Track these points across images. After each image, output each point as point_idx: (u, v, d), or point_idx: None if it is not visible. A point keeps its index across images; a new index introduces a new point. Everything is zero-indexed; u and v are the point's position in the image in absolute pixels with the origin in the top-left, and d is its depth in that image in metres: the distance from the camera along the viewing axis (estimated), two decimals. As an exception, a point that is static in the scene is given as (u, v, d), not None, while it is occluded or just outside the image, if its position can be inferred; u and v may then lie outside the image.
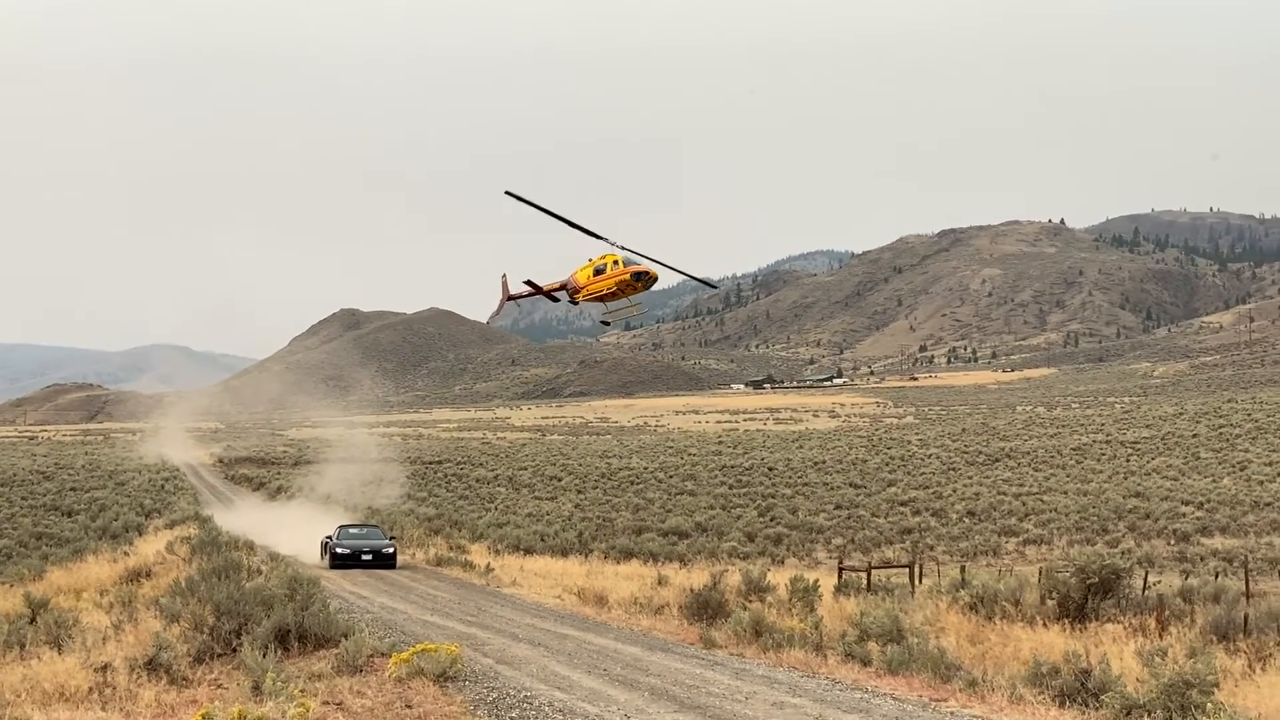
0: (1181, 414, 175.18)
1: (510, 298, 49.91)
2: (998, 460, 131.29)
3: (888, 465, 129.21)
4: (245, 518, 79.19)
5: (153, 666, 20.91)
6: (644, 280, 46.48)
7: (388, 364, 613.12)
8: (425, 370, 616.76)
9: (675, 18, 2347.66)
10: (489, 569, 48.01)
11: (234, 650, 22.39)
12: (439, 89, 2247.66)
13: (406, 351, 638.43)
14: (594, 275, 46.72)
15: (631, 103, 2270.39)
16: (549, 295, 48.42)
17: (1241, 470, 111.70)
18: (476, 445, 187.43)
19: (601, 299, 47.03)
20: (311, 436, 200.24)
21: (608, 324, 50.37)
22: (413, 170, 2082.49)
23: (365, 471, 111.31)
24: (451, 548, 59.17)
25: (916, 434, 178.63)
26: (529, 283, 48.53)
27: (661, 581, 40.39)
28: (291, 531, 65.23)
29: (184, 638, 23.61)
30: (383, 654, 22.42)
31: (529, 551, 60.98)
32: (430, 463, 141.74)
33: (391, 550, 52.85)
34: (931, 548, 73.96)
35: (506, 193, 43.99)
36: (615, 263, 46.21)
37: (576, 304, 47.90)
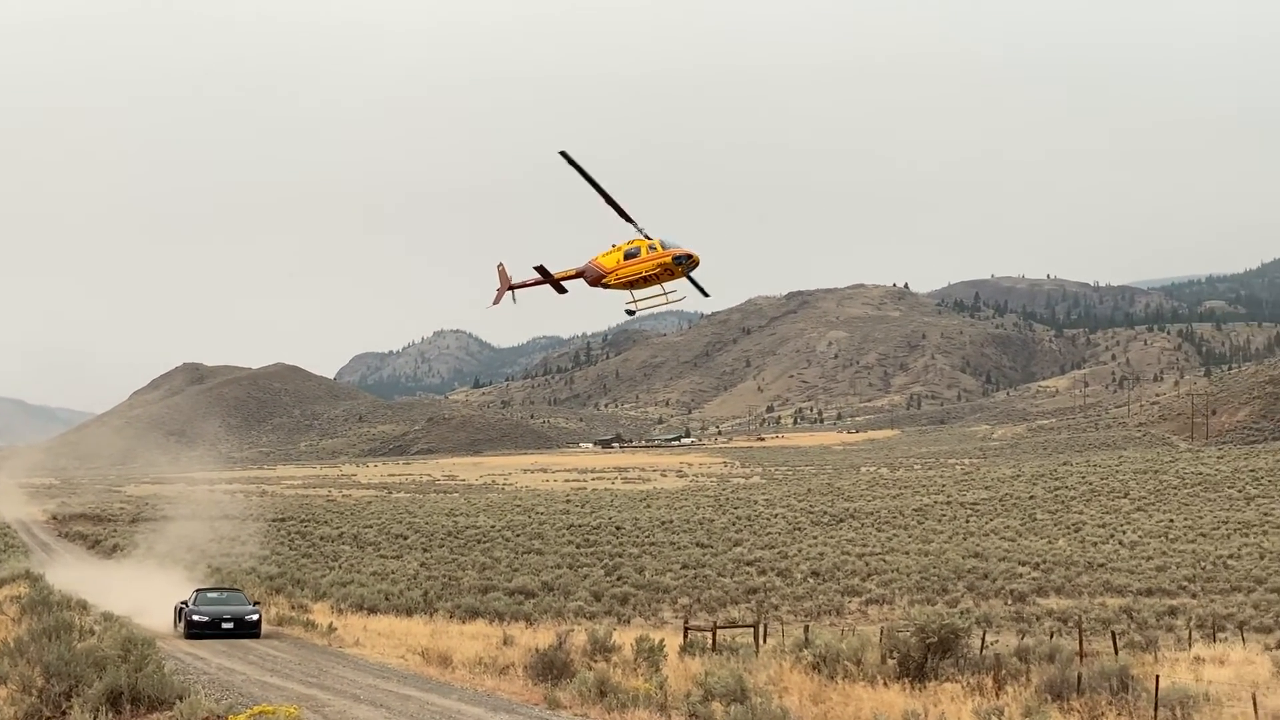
0: (1019, 476, 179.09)
1: (512, 287, 47.23)
2: (842, 520, 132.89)
3: (734, 525, 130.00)
4: (78, 576, 76.93)
5: (-23, 731, 20.22)
6: (685, 265, 44.27)
7: (232, 419, 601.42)
8: (270, 426, 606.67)
9: (489, 82, 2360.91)
10: (331, 629, 47.27)
11: (64, 713, 21.79)
12: (279, 138, 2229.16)
13: (251, 407, 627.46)
14: (625, 259, 44.61)
15: (465, 156, 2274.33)
16: (557, 285, 46.15)
17: (1076, 531, 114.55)
18: (321, 502, 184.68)
19: (632, 285, 44.77)
20: (151, 493, 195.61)
21: (632, 313, 46.69)
22: (262, 220, 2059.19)
23: (206, 529, 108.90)
24: (293, 607, 58.08)
25: (763, 494, 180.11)
26: (540, 269, 46.02)
27: (507, 641, 40.14)
28: (126, 591, 63.51)
29: (11, 700, 22.88)
30: (219, 716, 21.96)
31: (373, 611, 60.14)
32: (274, 520, 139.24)
33: (256, 617, 48.56)
34: (776, 607, 74.43)
35: (561, 153, 42.22)
36: (651, 246, 44.19)
37: (609, 288, 45.10)
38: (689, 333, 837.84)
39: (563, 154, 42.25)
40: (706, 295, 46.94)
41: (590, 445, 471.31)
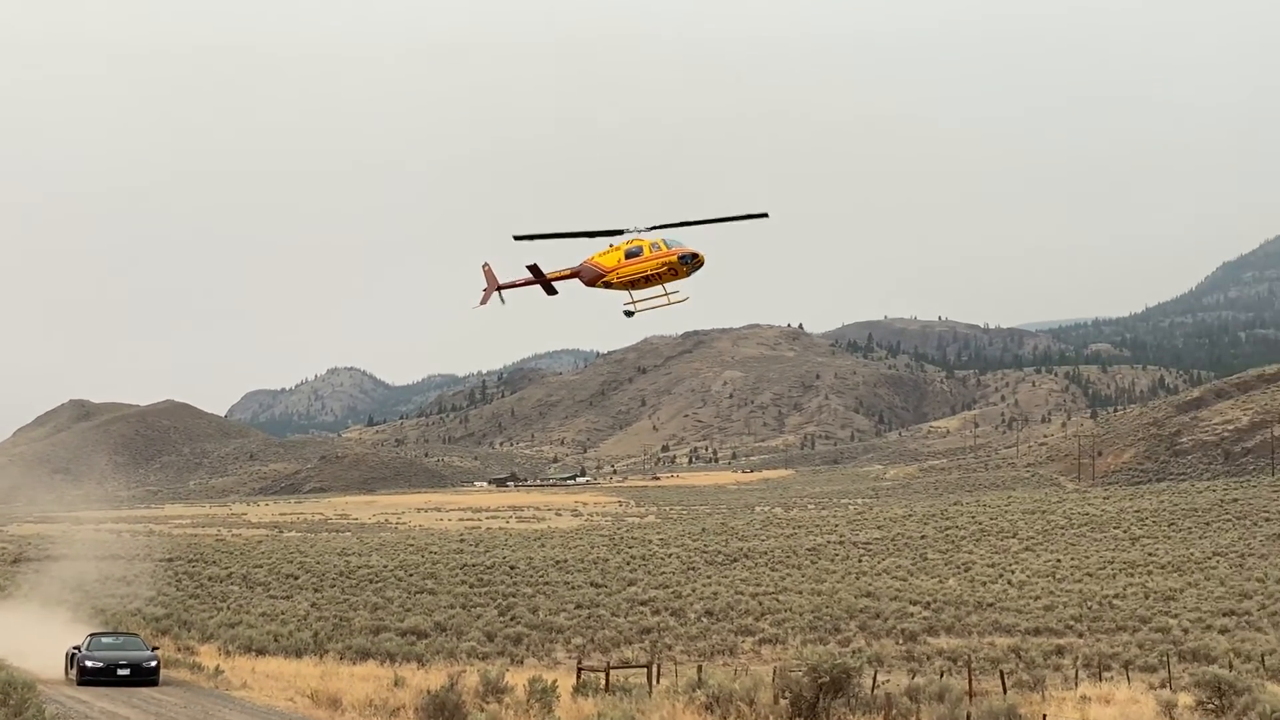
0: (911, 516, 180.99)
1: (500, 288, 46.04)
2: (736, 560, 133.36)
3: (629, 564, 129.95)
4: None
5: None
6: (690, 264, 43.45)
7: (120, 457, 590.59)
8: (159, 464, 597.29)
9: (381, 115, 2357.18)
10: (219, 671, 46.52)
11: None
12: (169, 170, 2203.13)
13: (140, 445, 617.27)
14: (626, 258, 43.73)
15: (356, 191, 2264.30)
16: (548, 286, 45.12)
17: (966, 571, 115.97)
18: (210, 542, 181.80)
19: (633, 285, 43.85)
20: (35, 532, 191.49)
21: (631, 314, 45.37)
22: (152, 254, 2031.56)
23: (92, 569, 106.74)
24: (180, 649, 57.12)
25: (658, 533, 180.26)
26: (532, 268, 44.87)
27: (398, 682, 39.77)
28: (7, 634, 61.99)
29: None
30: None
31: (262, 652, 59.29)
32: (161, 560, 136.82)
33: (155, 664, 45.80)
34: (670, 647, 74.46)
35: (515, 237, 42.33)
36: (654, 245, 43.42)
37: (611, 287, 44.13)
38: (585, 372, 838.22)
39: (517, 237, 42.61)
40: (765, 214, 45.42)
41: (485, 484, 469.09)
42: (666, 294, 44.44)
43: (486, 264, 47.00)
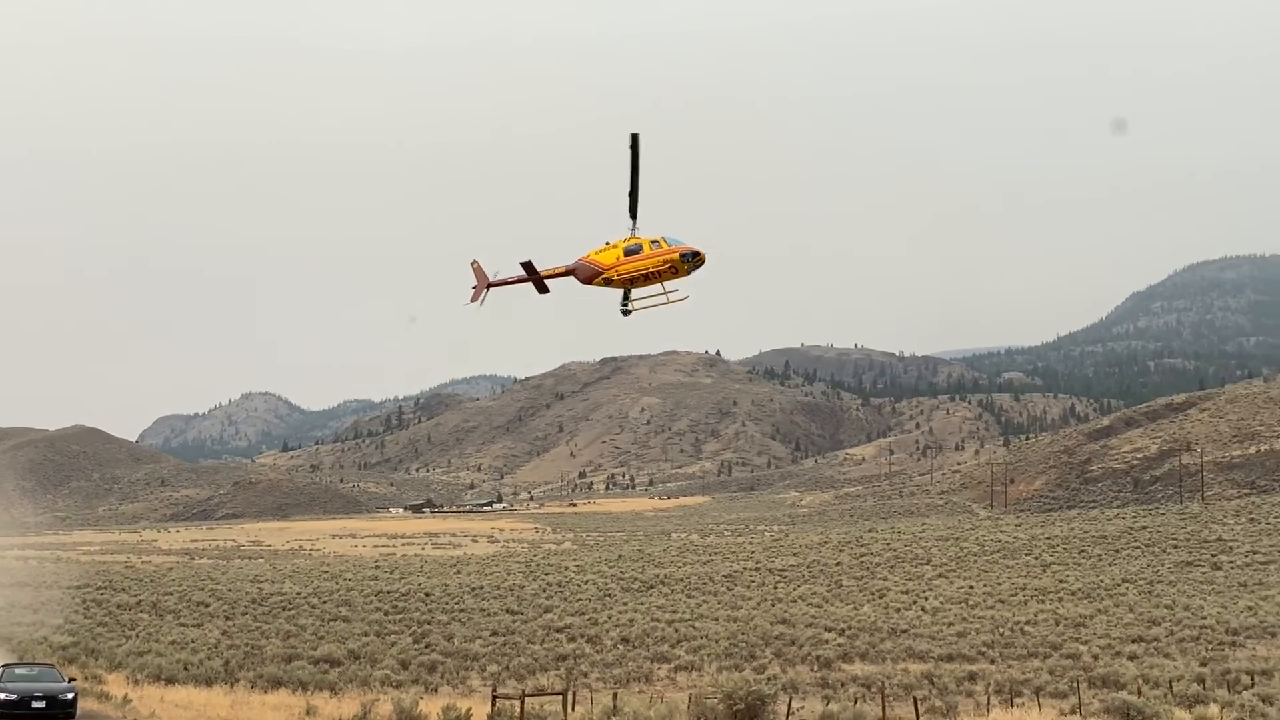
0: (826, 543, 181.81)
1: (490, 285, 45.33)
2: (652, 587, 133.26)
3: (545, 591, 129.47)
4: None
5: None
6: (691, 263, 42.91)
7: (26, 483, 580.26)
8: (68, 490, 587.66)
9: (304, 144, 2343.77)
10: (126, 700, 45.84)
11: None
12: (80, 189, 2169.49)
13: (48, 470, 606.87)
14: (625, 256, 43.23)
15: (274, 211, 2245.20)
16: (540, 284, 44.54)
17: (880, 598, 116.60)
18: (120, 569, 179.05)
19: (632, 283, 43.28)
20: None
21: (628, 313, 44.97)
22: (62, 276, 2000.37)
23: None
24: (87, 678, 56.16)
25: (574, 560, 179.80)
26: (526, 265, 44.27)
27: (310, 712, 39.40)
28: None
29: None
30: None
31: (171, 681, 58.45)
32: (68, 588, 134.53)
33: (71, 696, 43.63)
34: (586, 674, 74.20)
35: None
36: (654, 242, 42.95)
37: (611, 284, 43.61)
38: (502, 398, 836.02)
39: (633, 136, 41.37)
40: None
41: (401, 510, 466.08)
42: (665, 293, 44.08)
43: (475, 261, 46.43)
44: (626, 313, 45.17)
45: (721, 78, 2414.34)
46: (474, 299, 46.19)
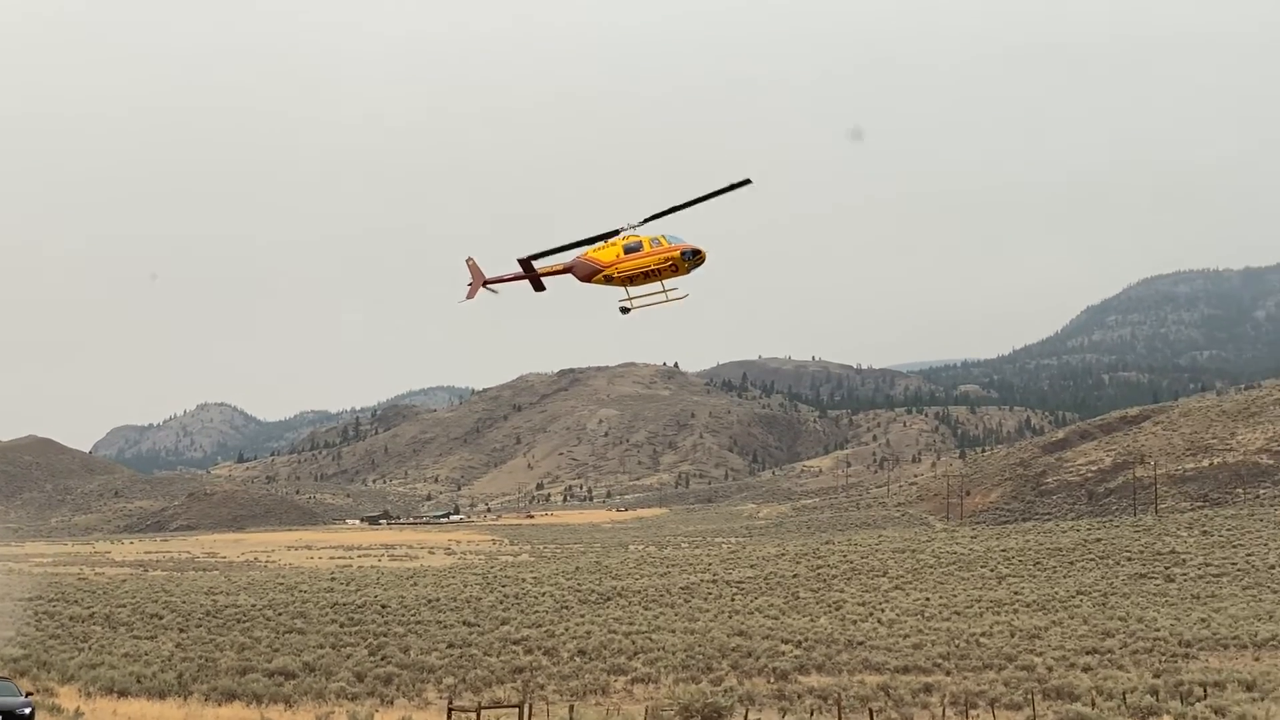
0: (783, 554, 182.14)
1: (487, 282, 44.96)
2: (609, 599, 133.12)
3: (502, 603, 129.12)
4: None
5: None
6: (692, 261, 42.75)
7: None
8: (20, 501, 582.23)
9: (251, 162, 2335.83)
10: (79, 713, 45.44)
11: None
12: (35, 208, 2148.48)
13: (0, 481, 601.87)
14: (625, 253, 43.09)
15: (229, 221, 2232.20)
16: (536, 282, 44.16)
17: (837, 610, 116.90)
18: (72, 581, 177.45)
19: (632, 281, 43.12)
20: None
21: (627, 310, 44.79)
22: (14, 286, 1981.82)
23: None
24: (39, 690, 55.57)
25: (531, 572, 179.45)
26: (524, 262, 43.85)
27: (264, 725, 39.14)
28: None
29: None
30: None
31: (124, 694, 57.94)
32: (20, 600, 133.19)
33: (29, 710, 42.90)
34: (542, 687, 74.00)
35: (520, 260, 42.11)
36: (655, 240, 42.84)
37: (611, 282, 43.38)
38: (459, 409, 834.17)
39: (521, 260, 42.62)
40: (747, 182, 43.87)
41: (357, 522, 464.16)
42: (665, 290, 43.97)
43: (470, 258, 46.14)
44: (625, 310, 45.07)
45: (673, 79, 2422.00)
46: (470, 296, 45.96)
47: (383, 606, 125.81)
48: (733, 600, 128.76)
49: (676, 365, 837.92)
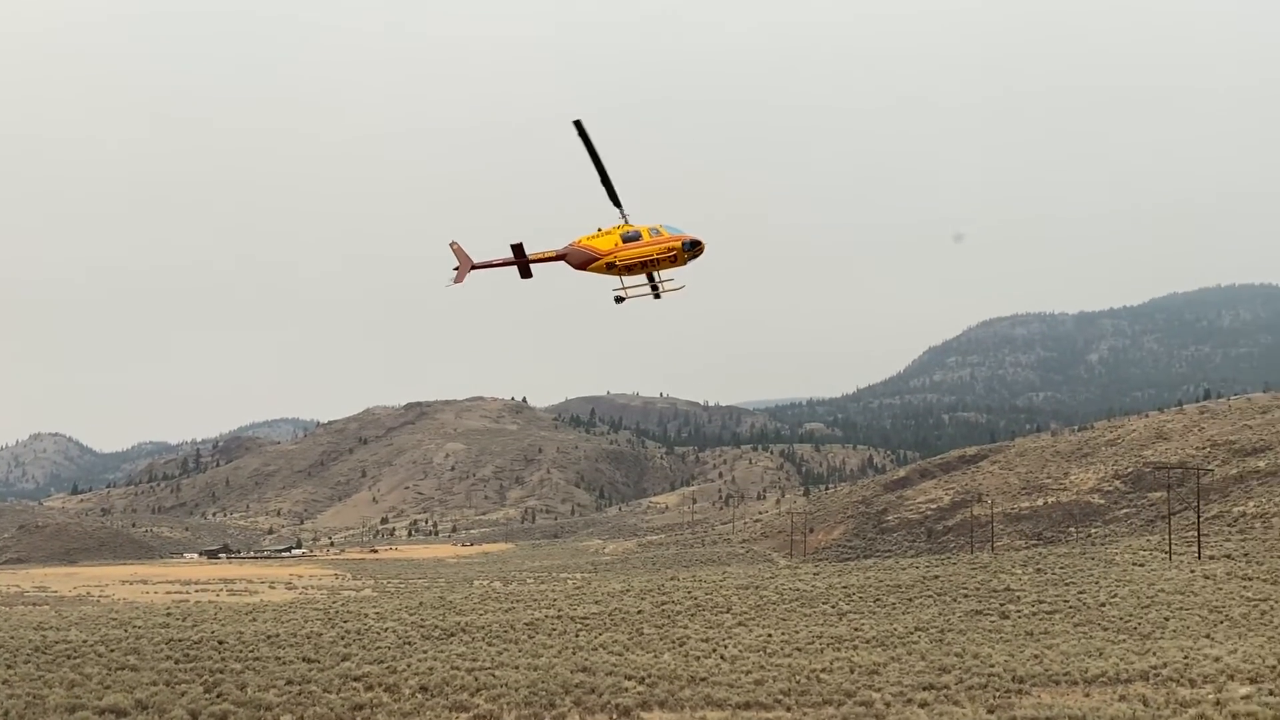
0: (629, 590, 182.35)
1: (475, 266, 43.94)
2: (453, 634, 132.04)
3: (343, 639, 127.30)
4: None
5: None
6: (692, 252, 42.38)
7: None
8: None
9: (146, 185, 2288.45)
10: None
11: None
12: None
13: None
14: (624, 243, 42.55)
15: (83, 243, 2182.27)
16: (525, 268, 43.30)
17: (681, 646, 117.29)
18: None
19: (629, 270, 42.68)
20: None
21: (621, 299, 44.16)
22: None
23: None
24: None
25: (374, 607, 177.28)
26: (517, 248, 42.96)
27: (92, 765, 38.19)
28: None
29: None
30: None
31: (-57, 734, 56.06)
32: None
33: None
34: (383, 724, 73.17)
35: (575, 122, 39.94)
36: (654, 230, 42.31)
37: (613, 269, 42.72)
38: (304, 441, 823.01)
39: (576, 123, 40.19)
40: (658, 297, 44.40)
41: (196, 556, 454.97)
42: (662, 282, 43.85)
43: (455, 242, 45.36)
44: (620, 300, 44.79)
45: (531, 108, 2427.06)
46: (458, 280, 45.29)
47: (220, 642, 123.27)
48: (577, 636, 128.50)
49: (525, 400, 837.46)
